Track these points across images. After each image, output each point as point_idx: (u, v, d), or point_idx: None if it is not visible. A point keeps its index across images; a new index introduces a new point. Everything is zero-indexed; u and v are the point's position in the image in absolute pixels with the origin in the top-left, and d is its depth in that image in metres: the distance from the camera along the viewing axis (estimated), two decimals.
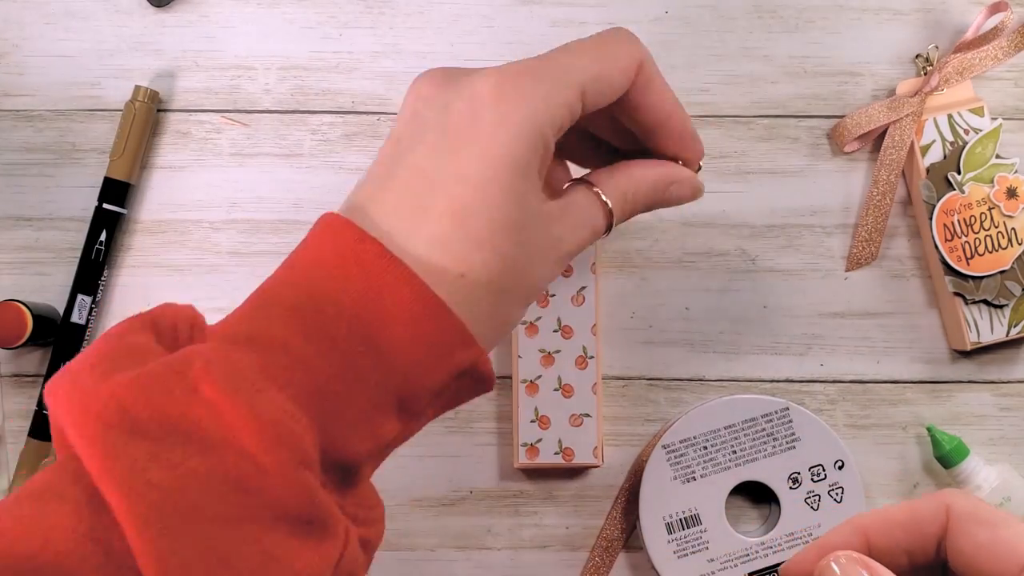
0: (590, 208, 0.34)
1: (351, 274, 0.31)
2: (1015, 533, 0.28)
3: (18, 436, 0.49)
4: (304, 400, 0.28)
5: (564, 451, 0.47)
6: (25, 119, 0.51)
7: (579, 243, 0.34)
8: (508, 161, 0.31)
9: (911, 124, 0.50)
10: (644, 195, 0.36)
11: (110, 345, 0.29)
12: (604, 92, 0.33)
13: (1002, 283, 0.49)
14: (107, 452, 0.25)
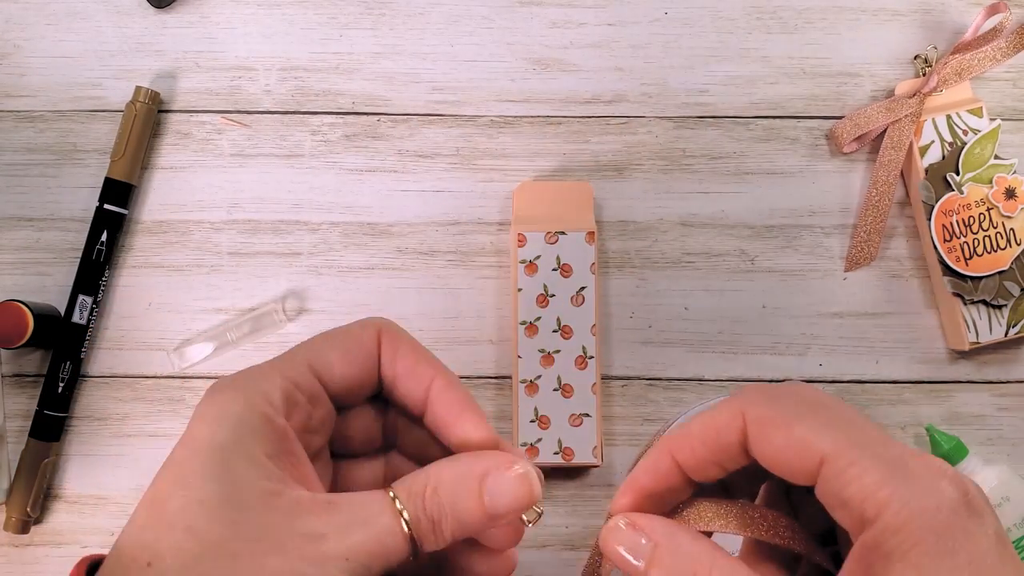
0: (372, 507, 0.29)
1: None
2: (809, 427, 0.28)
3: (18, 436, 0.49)
4: None
5: (564, 451, 0.47)
6: (26, 120, 0.51)
7: (356, 545, 0.28)
8: (204, 442, 0.29)
9: (910, 125, 0.50)
10: (449, 490, 0.29)
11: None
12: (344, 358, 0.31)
13: (1001, 283, 0.49)
14: None
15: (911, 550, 0.26)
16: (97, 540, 0.49)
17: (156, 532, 0.28)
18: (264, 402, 0.29)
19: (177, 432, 0.49)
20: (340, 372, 0.31)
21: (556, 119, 0.52)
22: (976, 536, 0.26)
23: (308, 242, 0.51)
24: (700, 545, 0.29)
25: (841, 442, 0.27)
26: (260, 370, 0.31)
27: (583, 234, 0.48)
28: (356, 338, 0.32)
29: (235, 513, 0.28)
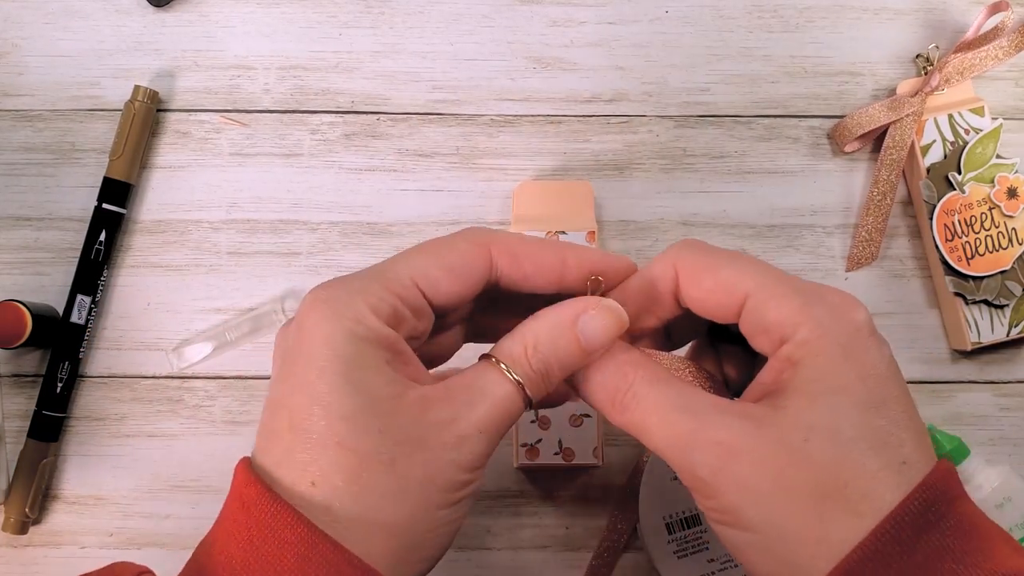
0: (484, 378, 0.32)
1: (239, 519, 0.30)
2: (735, 270, 0.32)
3: (18, 436, 0.49)
4: None
5: (564, 451, 0.47)
6: (25, 119, 0.51)
7: (481, 418, 0.31)
8: (328, 357, 0.30)
9: (911, 124, 0.50)
10: (549, 345, 0.32)
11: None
12: (451, 276, 0.33)
13: (1003, 283, 0.49)
14: None
15: (817, 357, 0.30)
16: (96, 540, 0.49)
17: (309, 453, 0.29)
18: (372, 312, 0.31)
19: (176, 432, 0.50)
20: (447, 290, 0.33)
21: (556, 118, 0.51)
22: (874, 354, 0.30)
23: (307, 242, 0.51)
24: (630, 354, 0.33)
25: (763, 279, 0.31)
26: (365, 282, 0.32)
27: (583, 234, 0.48)
28: (463, 256, 0.33)
29: (376, 421, 0.29)
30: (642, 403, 0.31)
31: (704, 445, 0.30)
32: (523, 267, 0.34)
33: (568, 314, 0.32)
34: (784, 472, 0.29)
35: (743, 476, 0.29)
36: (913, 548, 0.28)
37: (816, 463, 0.29)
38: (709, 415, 0.30)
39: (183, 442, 0.49)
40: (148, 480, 0.49)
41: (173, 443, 0.49)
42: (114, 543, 0.49)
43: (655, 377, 0.32)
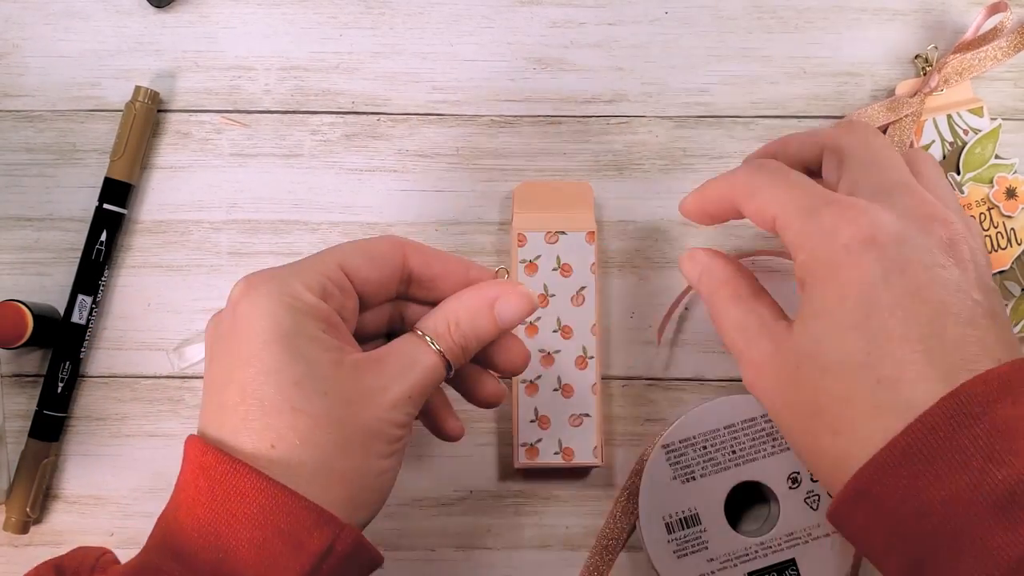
0: (412, 349, 0.36)
1: (200, 485, 0.32)
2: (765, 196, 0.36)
3: (18, 436, 0.49)
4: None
5: (564, 451, 0.47)
6: (25, 119, 0.51)
7: (412, 384, 0.35)
8: (271, 330, 0.33)
9: (910, 124, 0.50)
10: (469, 321, 0.37)
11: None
12: (372, 264, 0.37)
13: (1001, 283, 0.49)
14: None
15: (809, 279, 0.33)
16: (96, 540, 0.49)
17: (265, 419, 0.32)
18: (305, 290, 0.34)
19: (177, 432, 0.50)
20: (366, 275, 0.37)
21: (556, 119, 0.52)
22: (864, 265, 0.32)
23: (308, 242, 0.51)
24: (728, 267, 0.39)
25: (784, 203, 0.35)
26: (293, 266, 0.36)
27: (583, 234, 0.48)
28: (382, 249, 0.38)
29: (321, 384, 0.33)
30: (719, 319, 0.38)
31: (746, 363, 0.36)
32: (432, 268, 0.38)
33: (487, 296, 0.37)
34: (786, 392, 0.34)
35: (767, 391, 0.35)
36: (945, 445, 0.29)
37: (803, 388, 0.33)
38: (754, 335, 0.36)
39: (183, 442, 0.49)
40: (149, 480, 0.49)
41: (174, 443, 0.49)
42: (115, 543, 0.49)
43: (731, 295, 0.38)
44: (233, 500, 0.31)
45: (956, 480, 0.29)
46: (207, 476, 0.32)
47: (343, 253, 0.37)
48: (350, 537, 0.32)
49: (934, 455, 0.29)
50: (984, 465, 0.29)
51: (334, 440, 0.33)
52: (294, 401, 0.32)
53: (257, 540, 0.31)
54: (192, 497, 0.32)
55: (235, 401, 0.33)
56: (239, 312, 0.34)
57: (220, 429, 0.33)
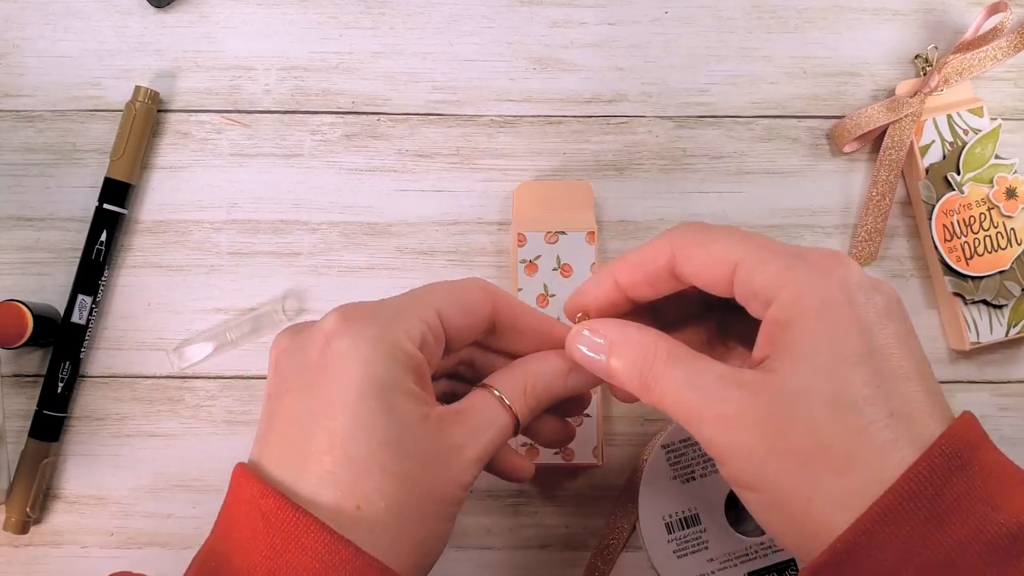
0: (489, 410, 0.35)
1: (258, 528, 0.31)
2: (726, 242, 0.34)
3: (18, 436, 0.49)
4: None
5: (564, 451, 0.47)
6: (25, 119, 0.51)
7: (485, 446, 0.34)
8: (369, 381, 0.31)
9: (910, 124, 0.50)
10: (544, 387, 0.36)
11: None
12: (464, 312, 0.36)
13: (1001, 283, 0.49)
14: None
15: (798, 318, 0.31)
16: (97, 540, 0.49)
17: (354, 476, 0.31)
18: (407, 339, 0.33)
19: (177, 432, 0.50)
20: (459, 323, 0.36)
21: (556, 119, 0.52)
22: (859, 304, 0.31)
23: (308, 242, 0.51)
24: (647, 332, 0.35)
25: (750, 248, 0.33)
26: (397, 308, 0.34)
27: (583, 234, 0.48)
28: (474, 296, 0.36)
29: (409, 446, 0.32)
30: (660, 383, 0.33)
31: (710, 419, 0.32)
32: (518, 322, 0.38)
33: (565, 365, 0.37)
34: (776, 437, 0.30)
35: (743, 443, 0.31)
36: (943, 489, 0.28)
37: (801, 428, 0.30)
38: (713, 389, 0.32)
39: (184, 442, 0.49)
40: (149, 480, 0.49)
41: (174, 443, 0.50)
42: (115, 543, 0.49)
43: (670, 355, 0.34)
44: (294, 552, 0.30)
45: (961, 528, 0.28)
46: (266, 521, 0.30)
47: (439, 299, 0.35)
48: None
49: (935, 500, 0.29)
50: (983, 510, 0.28)
51: (412, 501, 0.32)
52: (384, 462, 0.31)
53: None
54: (248, 541, 0.31)
55: (320, 449, 0.31)
56: (333, 350, 0.32)
57: (296, 475, 0.31)
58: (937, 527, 0.28)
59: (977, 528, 0.28)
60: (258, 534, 0.30)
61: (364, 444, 0.31)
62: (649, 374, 0.34)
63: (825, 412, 0.30)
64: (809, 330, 0.31)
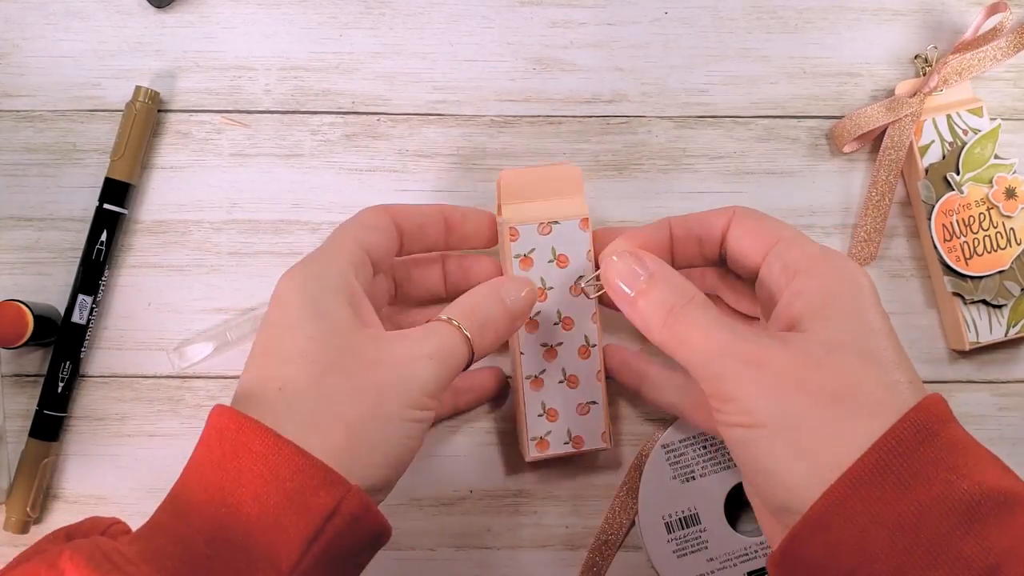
0: (435, 326, 0.38)
1: (212, 445, 0.34)
2: (776, 223, 0.40)
3: (18, 436, 0.49)
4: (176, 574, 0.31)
5: (574, 440, 0.46)
6: (26, 119, 0.51)
7: (433, 347, 0.37)
8: (300, 299, 0.36)
9: (910, 124, 0.50)
10: (482, 305, 0.40)
11: (23, 554, 0.34)
12: (373, 230, 0.41)
13: (1001, 283, 0.49)
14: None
15: (830, 295, 0.36)
16: None
17: (278, 367, 0.35)
18: (336, 267, 0.38)
19: (177, 432, 0.50)
20: (375, 241, 0.41)
21: (556, 119, 0.52)
22: (875, 295, 0.36)
23: (308, 242, 0.51)
24: (686, 282, 0.38)
25: (794, 233, 0.39)
26: (323, 249, 0.39)
27: (577, 221, 0.46)
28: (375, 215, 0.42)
29: (338, 340, 0.35)
30: (690, 317, 0.37)
31: (736, 353, 0.35)
32: (414, 219, 0.43)
33: (494, 287, 0.41)
34: (806, 378, 0.33)
35: (767, 381, 0.34)
36: (911, 457, 0.31)
37: (835, 372, 0.33)
38: (744, 332, 0.36)
39: (184, 442, 0.49)
40: (149, 480, 0.49)
41: (174, 443, 0.50)
42: None
43: (706, 302, 0.37)
44: (242, 457, 0.32)
45: (926, 492, 0.31)
46: (219, 435, 0.33)
47: (353, 232, 0.40)
48: (356, 499, 0.32)
49: (903, 467, 0.31)
50: (948, 477, 0.31)
51: (342, 387, 0.34)
52: (306, 350, 0.34)
53: (262, 497, 0.31)
54: (202, 456, 0.33)
55: (256, 354, 0.36)
56: (276, 291, 0.37)
57: (240, 388, 0.36)
58: (904, 491, 0.31)
59: (942, 492, 0.31)
60: (211, 449, 0.33)
61: (289, 341, 0.35)
62: (681, 310, 0.37)
63: (858, 360, 0.34)
64: (841, 301, 0.35)
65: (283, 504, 0.31)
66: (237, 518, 0.31)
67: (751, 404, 0.34)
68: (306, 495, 0.32)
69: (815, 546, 0.32)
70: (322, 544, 0.32)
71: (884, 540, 0.31)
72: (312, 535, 0.32)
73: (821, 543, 0.32)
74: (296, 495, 0.32)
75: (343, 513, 0.32)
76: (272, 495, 0.31)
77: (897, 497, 0.31)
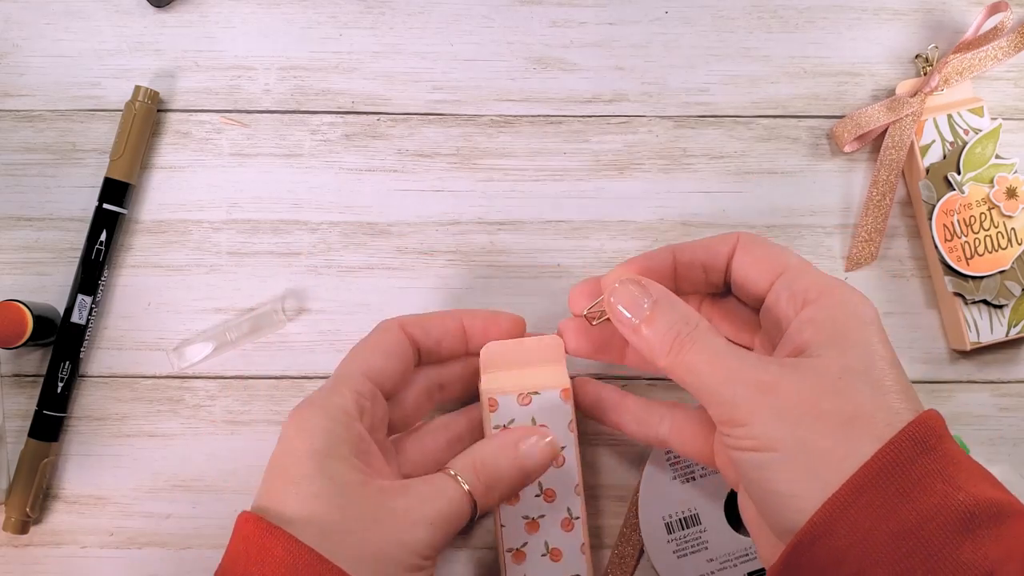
0: (439, 482, 0.39)
1: (239, 551, 0.35)
2: (781, 250, 0.40)
3: (18, 436, 0.49)
4: None
5: (551, 551, 0.44)
6: (25, 119, 0.51)
7: (435, 509, 0.37)
8: (305, 452, 0.37)
9: (911, 124, 0.50)
10: (492, 460, 0.40)
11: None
12: (387, 359, 0.41)
13: (1002, 283, 0.49)
14: None
15: (840, 323, 0.36)
16: (96, 540, 0.49)
17: (289, 508, 0.36)
18: (343, 414, 0.38)
19: (177, 432, 0.50)
20: (389, 370, 0.41)
21: (556, 119, 0.52)
22: (881, 326, 0.37)
23: (308, 242, 0.51)
24: (690, 308, 0.38)
25: (801, 261, 0.39)
26: (332, 388, 0.39)
27: (558, 391, 0.44)
28: (389, 338, 0.42)
29: (340, 500, 0.36)
30: (697, 344, 0.37)
31: (746, 380, 0.35)
32: (432, 335, 0.43)
33: (511, 439, 0.41)
34: (818, 401, 0.34)
35: (778, 406, 0.34)
36: (911, 468, 0.32)
37: (848, 395, 0.34)
38: (750, 358, 0.36)
39: (183, 442, 0.49)
40: (148, 480, 0.49)
41: (173, 443, 0.50)
42: (114, 543, 0.49)
43: (709, 327, 0.38)
44: (265, 563, 0.34)
45: (926, 501, 0.32)
46: (245, 542, 0.35)
47: (361, 361, 0.41)
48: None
49: (903, 476, 0.32)
50: (945, 488, 0.32)
51: (344, 553, 0.35)
52: (314, 511, 0.35)
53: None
54: (228, 563, 0.36)
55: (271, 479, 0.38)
56: (285, 431, 0.38)
57: (259, 501, 0.37)
58: (904, 500, 0.32)
59: (939, 503, 0.32)
60: (238, 556, 0.35)
61: (294, 498, 0.36)
62: (687, 337, 0.37)
63: (870, 389, 0.34)
64: (857, 331, 0.36)
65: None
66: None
67: (762, 429, 0.34)
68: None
69: (818, 551, 0.32)
70: None
71: (886, 545, 0.31)
72: None
73: (824, 548, 0.32)
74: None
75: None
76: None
77: (898, 504, 0.32)
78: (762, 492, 0.35)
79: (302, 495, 0.36)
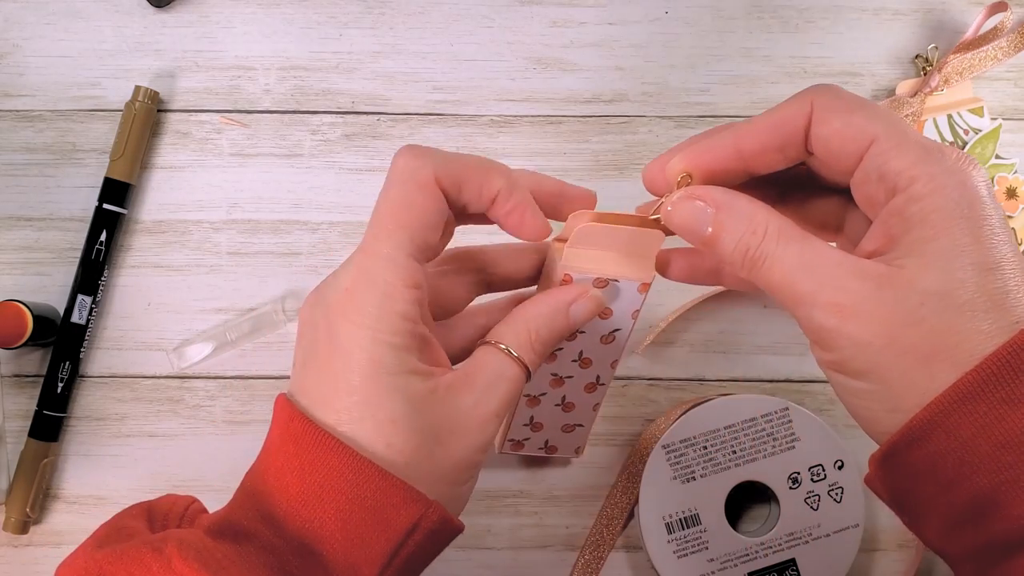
0: (497, 364, 0.36)
1: (289, 451, 0.33)
2: (867, 115, 0.33)
3: (18, 436, 0.49)
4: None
5: (548, 447, 0.46)
6: (25, 119, 0.51)
7: (499, 402, 0.35)
8: (372, 367, 0.33)
9: (911, 124, 0.50)
10: (548, 329, 0.37)
11: (106, 528, 0.34)
12: (430, 228, 0.36)
13: None
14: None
15: (932, 215, 0.31)
16: None
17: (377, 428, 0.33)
18: (400, 319, 0.33)
19: (177, 432, 0.50)
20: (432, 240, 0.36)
21: (556, 119, 0.52)
22: (990, 215, 0.31)
23: (308, 242, 0.51)
24: (756, 205, 0.33)
25: (891, 129, 0.32)
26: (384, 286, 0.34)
27: (636, 284, 0.39)
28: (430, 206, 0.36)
29: (417, 419, 0.33)
30: (768, 261, 0.33)
31: (823, 305, 0.31)
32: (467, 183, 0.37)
33: (564, 301, 0.37)
34: (898, 333, 0.31)
35: (857, 334, 0.31)
36: (1018, 378, 0.29)
37: (929, 326, 0.30)
38: (829, 276, 0.32)
39: (183, 442, 0.49)
40: (148, 480, 0.49)
41: (173, 443, 0.49)
42: None
43: (781, 233, 0.33)
44: (321, 472, 0.32)
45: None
46: (296, 443, 0.33)
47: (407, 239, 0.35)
48: (436, 514, 0.33)
49: (1011, 386, 0.29)
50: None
51: (425, 472, 0.33)
52: (389, 439, 0.33)
53: (344, 514, 0.32)
54: (281, 463, 0.33)
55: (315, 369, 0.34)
56: (338, 338, 0.34)
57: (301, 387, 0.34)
58: (1012, 408, 0.29)
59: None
60: (290, 456, 0.32)
61: (371, 424, 0.32)
62: (758, 250, 0.33)
63: (957, 314, 0.30)
64: (944, 230, 0.31)
65: (366, 521, 0.32)
66: (320, 534, 0.32)
67: (846, 355, 0.32)
68: (387, 512, 0.32)
69: (915, 456, 0.31)
70: (403, 556, 0.33)
71: (988, 454, 0.29)
72: (393, 550, 0.32)
73: (921, 453, 0.31)
74: (378, 512, 0.32)
75: (424, 528, 0.33)
76: (354, 512, 0.32)
77: (1006, 413, 0.29)
78: (851, 408, 0.33)
79: (380, 422, 0.32)
